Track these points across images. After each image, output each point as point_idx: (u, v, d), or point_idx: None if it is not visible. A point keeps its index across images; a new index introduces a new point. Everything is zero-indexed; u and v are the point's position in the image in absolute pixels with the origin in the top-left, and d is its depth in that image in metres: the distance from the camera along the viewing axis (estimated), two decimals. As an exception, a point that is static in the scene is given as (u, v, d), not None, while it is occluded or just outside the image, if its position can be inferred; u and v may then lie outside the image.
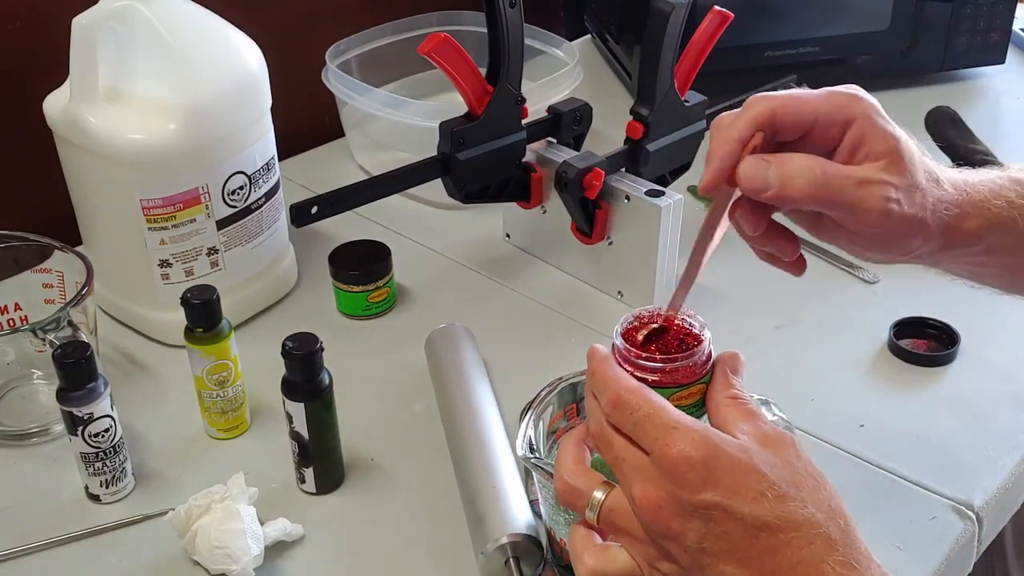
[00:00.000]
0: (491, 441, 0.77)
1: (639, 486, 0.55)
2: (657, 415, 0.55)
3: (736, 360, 0.61)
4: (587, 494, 0.58)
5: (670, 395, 0.59)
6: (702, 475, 0.53)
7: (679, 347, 0.61)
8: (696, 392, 0.60)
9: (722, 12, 0.94)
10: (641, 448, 0.55)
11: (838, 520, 0.55)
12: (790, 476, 0.54)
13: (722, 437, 0.55)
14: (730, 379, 0.60)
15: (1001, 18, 1.32)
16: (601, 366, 0.59)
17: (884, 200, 0.64)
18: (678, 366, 0.60)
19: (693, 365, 0.60)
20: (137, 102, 0.84)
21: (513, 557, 0.68)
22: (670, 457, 0.53)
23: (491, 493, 0.72)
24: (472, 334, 0.89)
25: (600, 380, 0.59)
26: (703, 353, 0.61)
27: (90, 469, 0.76)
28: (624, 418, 0.56)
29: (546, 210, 1.01)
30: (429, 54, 0.88)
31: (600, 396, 0.58)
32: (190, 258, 0.89)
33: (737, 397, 0.59)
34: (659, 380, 0.59)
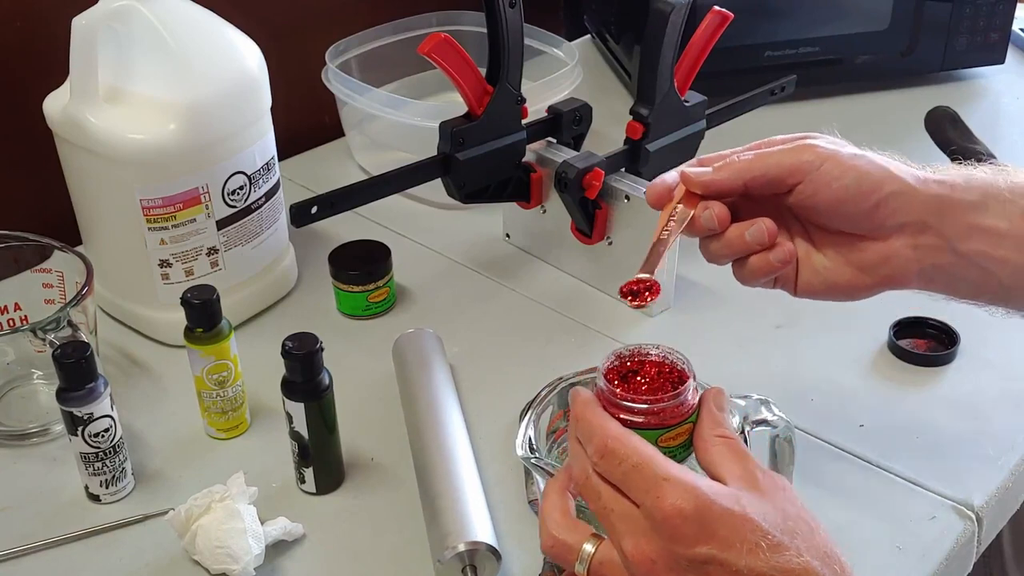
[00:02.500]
0: (452, 448, 0.77)
1: (630, 540, 0.54)
2: (647, 466, 0.54)
3: (721, 396, 0.61)
4: (576, 548, 0.57)
5: (657, 437, 0.58)
6: (695, 528, 0.52)
7: (663, 385, 0.60)
8: (684, 432, 0.59)
9: (722, 12, 0.94)
10: (630, 499, 0.54)
11: (834, 567, 0.54)
12: (784, 523, 0.54)
13: (713, 488, 0.54)
14: (717, 416, 0.59)
15: (1001, 18, 1.32)
16: (585, 411, 0.58)
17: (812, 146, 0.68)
18: (665, 407, 0.58)
19: (680, 405, 0.59)
20: (137, 102, 0.84)
21: (470, 565, 0.68)
22: (662, 510, 0.52)
23: (449, 500, 0.72)
24: (440, 339, 0.89)
25: (585, 427, 0.57)
26: (689, 392, 0.59)
27: (90, 469, 0.76)
28: (612, 468, 0.55)
29: (546, 210, 1.01)
30: (429, 54, 0.88)
31: (586, 444, 0.57)
32: (190, 258, 0.89)
33: (726, 436, 0.58)
34: (645, 422, 0.58)
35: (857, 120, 1.31)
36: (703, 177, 0.69)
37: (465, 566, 0.68)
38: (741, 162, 0.69)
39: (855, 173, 0.67)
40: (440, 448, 0.77)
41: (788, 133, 0.69)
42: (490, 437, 0.82)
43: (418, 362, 0.85)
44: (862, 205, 0.67)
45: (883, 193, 0.67)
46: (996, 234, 0.67)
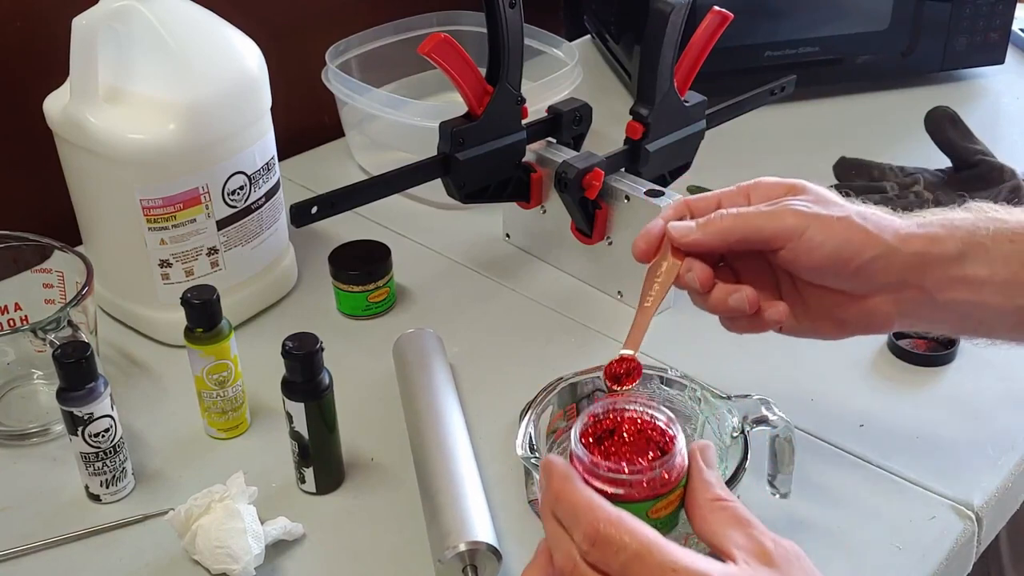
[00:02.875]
0: (453, 449, 0.77)
1: None
2: (650, 554, 0.48)
3: (709, 450, 0.56)
4: None
5: (647, 509, 0.53)
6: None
7: (646, 445, 0.55)
8: (675, 500, 0.54)
9: (722, 12, 0.94)
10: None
11: None
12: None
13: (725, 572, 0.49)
14: (707, 477, 0.54)
15: (1001, 18, 1.32)
16: (565, 488, 0.51)
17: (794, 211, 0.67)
18: (654, 476, 0.53)
19: (669, 471, 0.53)
20: (137, 102, 0.84)
21: (471, 565, 0.68)
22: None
23: (450, 500, 0.72)
24: (440, 339, 0.89)
25: (568, 508, 0.51)
26: (678, 455, 0.54)
27: (90, 469, 0.76)
28: (608, 558, 0.49)
29: (546, 210, 1.01)
30: (429, 54, 0.88)
31: (572, 528, 0.50)
32: (190, 258, 0.89)
33: (721, 499, 0.53)
34: (633, 494, 0.53)
35: (857, 120, 1.31)
36: (687, 237, 0.69)
37: (466, 566, 0.68)
38: (724, 222, 0.68)
39: (836, 240, 0.66)
40: (440, 448, 0.77)
41: (789, 134, 0.70)
42: (490, 437, 0.82)
43: (418, 362, 0.85)
44: (843, 271, 0.67)
45: (864, 258, 0.67)
46: (977, 282, 0.67)
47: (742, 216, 0.68)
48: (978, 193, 1.07)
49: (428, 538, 0.72)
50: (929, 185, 1.09)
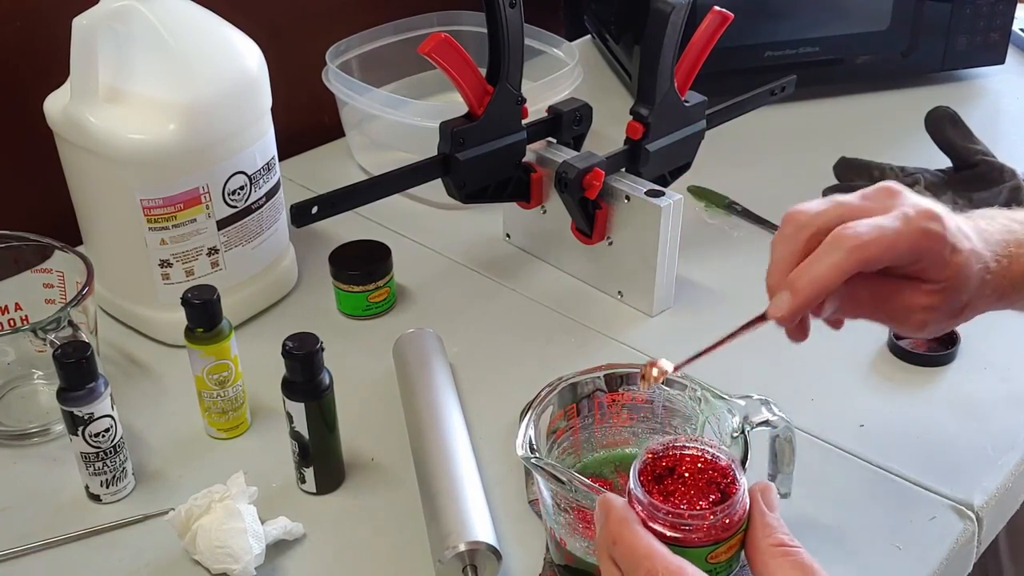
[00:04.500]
0: (453, 449, 0.77)
1: None
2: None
3: (769, 493, 0.54)
4: None
5: (706, 555, 0.51)
6: None
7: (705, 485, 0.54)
8: (735, 544, 0.53)
9: (722, 12, 0.94)
10: None
11: None
12: None
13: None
14: (769, 520, 0.53)
15: (1001, 18, 1.32)
16: (624, 531, 0.50)
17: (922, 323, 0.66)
18: (716, 521, 0.51)
19: (731, 515, 0.52)
20: (137, 102, 0.84)
21: (471, 565, 0.68)
22: None
23: (450, 500, 0.72)
24: (440, 339, 0.89)
25: (627, 552, 0.50)
26: (741, 500, 0.52)
27: (90, 469, 0.76)
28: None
29: (546, 210, 1.01)
30: (429, 54, 0.88)
31: (630, 573, 0.50)
32: (190, 258, 0.89)
33: (784, 545, 0.52)
34: (693, 539, 0.51)
35: (857, 120, 1.31)
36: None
37: (466, 566, 0.68)
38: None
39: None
40: (440, 448, 0.77)
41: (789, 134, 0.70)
42: (490, 437, 0.82)
43: (418, 362, 0.85)
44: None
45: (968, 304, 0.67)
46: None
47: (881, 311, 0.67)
48: (978, 193, 1.07)
49: (428, 538, 0.72)
50: (929, 185, 1.09)
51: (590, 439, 0.74)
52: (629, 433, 0.74)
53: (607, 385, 0.72)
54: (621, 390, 0.72)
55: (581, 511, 0.65)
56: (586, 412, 0.72)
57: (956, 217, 0.67)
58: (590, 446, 0.74)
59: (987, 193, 1.07)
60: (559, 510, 0.66)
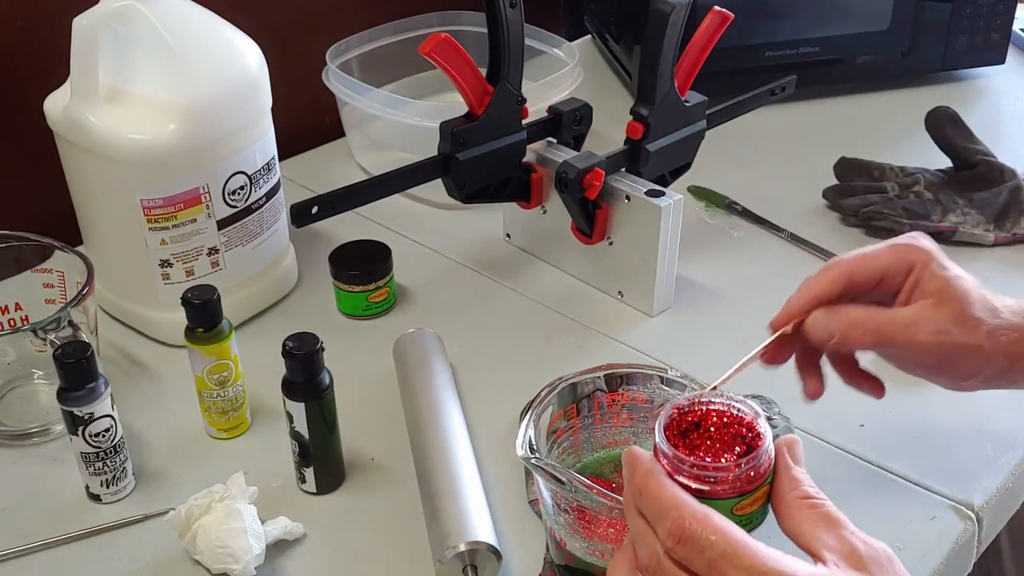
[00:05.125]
0: (453, 449, 0.77)
1: None
2: (738, 555, 0.47)
3: (795, 447, 0.54)
4: None
5: (732, 506, 0.52)
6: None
7: (731, 439, 0.54)
8: (760, 496, 0.53)
9: (722, 12, 0.94)
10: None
11: None
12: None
13: (815, 575, 0.47)
14: (795, 474, 0.53)
15: (1001, 18, 1.32)
16: (649, 483, 0.51)
17: (933, 334, 0.68)
18: (740, 473, 0.51)
19: (757, 467, 0.52)
20: (137, 102, 0.84)
21: (471, 565, 0.68)
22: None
23: (450, 500, 0.72)
24: (440, 339, 0.89)
25: (653, 503, 0.50)
26: (766, 452, 0.53)
27: (90, 469, 0.76)
28: (693, 556, 0.48)
29: (546, 210, 1.01)
30: (429, 54, 0.88)
31: (656, 523, 0.50)
32: (191, 258, 0.89)
33: (810, 497, 0.52)
34: (718, 491, 0.51)
35: (857, 120, 1.31)
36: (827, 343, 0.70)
37: (466, 566, 0.68)
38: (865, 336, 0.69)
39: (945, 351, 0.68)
40: (440, 448, 0.77)
41: (789, 134, 0.71)
42: (490, 437, 0.82)
43: (418, 362, 0.86)
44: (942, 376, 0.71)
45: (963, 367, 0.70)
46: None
47: (881, 334, 0.69)
48: (978, 193, 1.07)
49: (428, 538, 0.72)
50: (929, 185, 1.09)
51: (590, 439, 0.73)
52: (629, 433, 0.74)
53: (607, 385, 0.72)
54: (621, 390, 0.72)
55: (581, 511, 0.65)
56: (586, 412, 0.72)
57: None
58: (590, 446, 0.74)
59: (987, 193, 1.07)
60: (559, 510, 0.66)
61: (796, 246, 1.05)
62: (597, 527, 0.65)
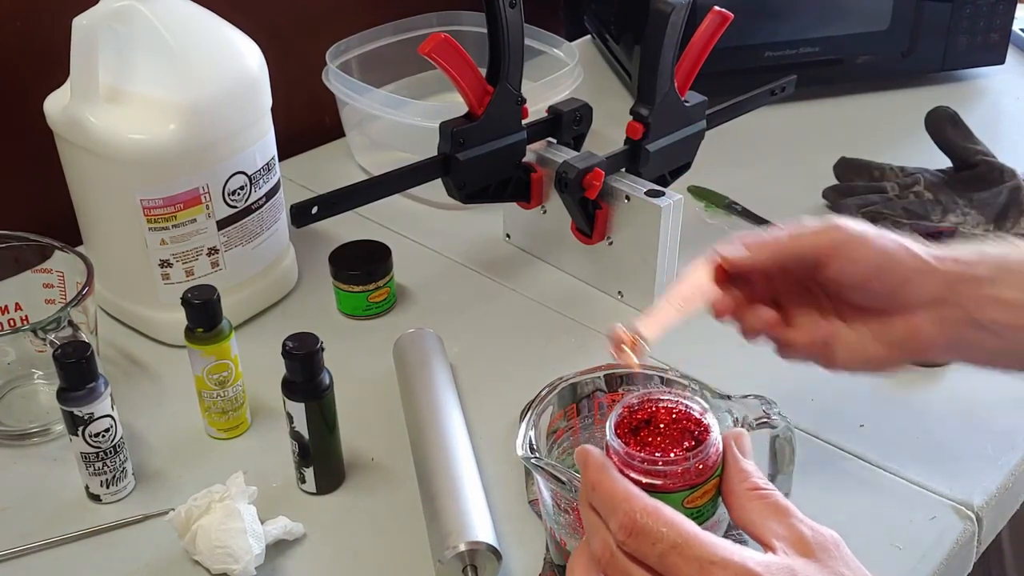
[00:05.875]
0: (453, 449, 0.77)
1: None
2: (689, 546, 0.49)
3: (743, 439, 0.56)
4: None
5: (682, 499, 0.53)
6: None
7: (680, 435, 0.55)
8: (710, 489, 0.54)
9: (722, 12, 0.94)
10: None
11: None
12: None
13: (765, 564, 0.49)
14: (743, 466, 0.55)
15: (1001, 18, 1.32)
16: (602, 478, 0.52)
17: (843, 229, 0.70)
18: (689, 466, 0.53)
19: (705, 460, 0.54)
20: (137, 102, 0.84)
21: (471, 565, 0.68)
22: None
23: (450, 500, 0.72)
24: (440, 339, 0.89)
25: (605, 497, 0.52)
26: (714, 445, 0.54)
27: (90, 469, 0.76)
28: (645, 548, 0.50)
29: (546, 210, 1.01)
30: (429, 54, 0.88)
31: (608, 518, 0.51)
32: (190, 258, 0.89)
33: (758, 488, 0.54)
34: (668, 484, 0.53)
35: (857, 120, 1.31)
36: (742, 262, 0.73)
37: (466, 566, 0.68)
38: (777, 243, 0.71)
39: (882, 254, 0.70)
40: (440, 448, 0.77)
41: (789, 134, 0.72)
42: (490, 437, 0.82)
43: (418, 362, 0.86)
44: (888, 282, 0.70)
45: (907, 270, 0.70)
46: (1012, 305, 0.69)
47: (794, 236, 0.72)
48: (978, 193, 1.07)
49: (428, 538, 0.72)
50: (929, 185, 1.09)
51: (590, 439, 0.73)
52: (629, 433, 0.74)
53: (607, 385, 0.72)
54: (621, 390, 0.72)
55: (581, 511, 0.65)
56: (586, 412, 0.72)
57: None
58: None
59: (987, 193, 1.07)
60: (559, 510, 0.66)
61: (796, 246, 1.05)
62: (597, 527, 0.65)
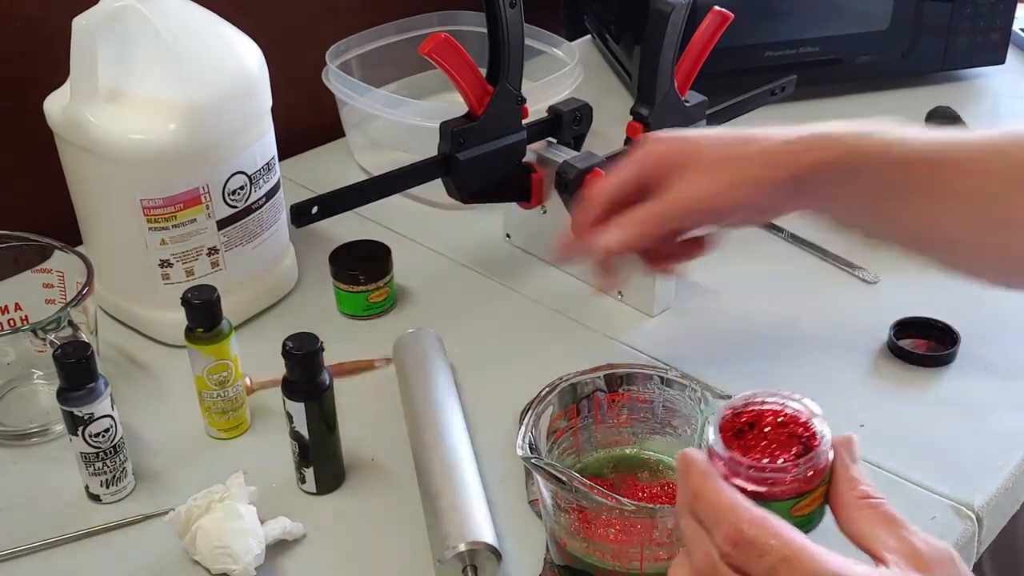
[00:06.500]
0: (453, 449, 0.77)
1: None
2: (799, 559, 0.46)
3: (852, 445, 0.53)
4: None
5: (789, 508, 0.51)
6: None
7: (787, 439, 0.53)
8: (818, 496, 0.53)
9: (722, 12, 0.94)
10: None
11: None
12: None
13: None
14: (853, 473, 0.52)
15: (1001, 18, 1.32)
16: (705, 486, 0.50)
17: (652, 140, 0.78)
18: (799, 473, 0.51)
19: (815, 466, 0.52)
20: (137, 102, 0.84)
21: (471, 565, 0.68)
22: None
23: (450, 500, 0.72)
24: (440, 339, 0.89)
25: (708, 507, 0.50)
26: (825, 452, 0.52)
27: (90, 469, 0.76)
28: (752, 561, 0.48)
29: (546, 210, 1.01)
30: (429, 54, 0.88)
31: (713, 528, 0.49)
32: (190, 258, 0.89)
33: (869, 496, 0.52)
34: (776, 492, 0.51)
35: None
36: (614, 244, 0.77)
37: (466, 566, 0.68)
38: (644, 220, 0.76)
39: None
40: (440, 448, 0.77)
41: None
42: (490, 437, 0.82)
43: (418, 362, 0.86)
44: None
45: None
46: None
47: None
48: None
49: (428, 538, 0.72)
50: (929, 185, 1.09)
51: (590, 439, 0.74)
52: (629, 433, 0.74)
53: (607, 385, 0.72)
54: (621, 390, 0.72)
55: (581, 511, 0.65)
56: (586, 412, 0.72)
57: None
58: (590, 446, 0.74)
59: (987, 193, 1.06)
60: (559, 510, 0.66)
61: (796, 246, 1.05)
62: (597, 527, 0.65)
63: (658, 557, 0.65)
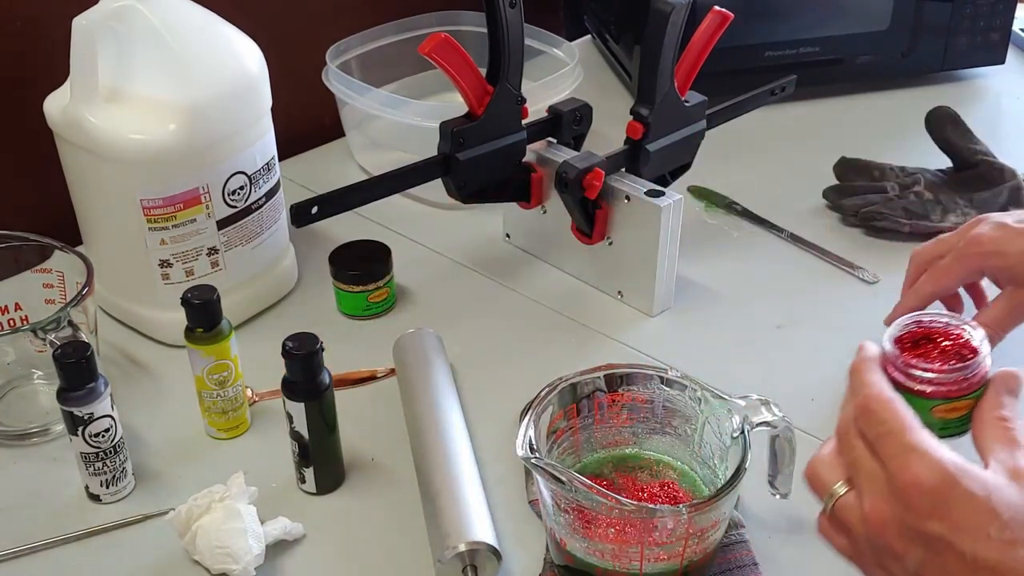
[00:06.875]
0: (453, 449, 0.77)
1: (869, 499, 0.55)
2: (898, 434, 0.55)
3: (1015, 380, 0.60)
4: (828, 485, 0.59)
5: (935, 406, 0.59)
6: (930, 504, 0.52)
7: (953, 355, 0.61)
8: (963, 407, 0.59)
9: (722, 12, 0.94)
10: (880, 459, 0.55)
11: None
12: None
13: (963, 468, 0.53)
14: (1002, 399, 0.59)
15: (1001, 18, 1.32)
16: (861, 365, 0.60)
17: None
18: (950, 378, 0.59)
19: (965, 378, 0.59)
20: (137, 102, 0.84)
21: (471, 565, 0.68)
22: (903, 479, 0.53)
23: (450, 500, 0.72)
24: (440, 339, 0.89)
25: (856, 380, 0.59)
26: (978, 366, 0.60)
27: (90, 469, 0.76)
28: (868, 428, 0.56)
29: (546, 210, 1.01)
30: (429, 54, 0.88)
31: (853, 396, 0.59)
32: (190, 258, 0.89)
33: (1004, 419, 0.58)
34: (927, 391, 0.59)
35: (857, 120, 1.31)
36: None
37: (466, 566, 0.68)
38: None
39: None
40: (440, 448, 0.77)
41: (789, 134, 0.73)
42: (490, 437, 0.82)
43: (418, 362, 0.86)
44: None
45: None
46: None
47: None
48: (978, 193, 1.07)
49: (428, 538, 0.72)
50: (929, 185, 1.09)
51: (590, 439, 0.74)
52: (629, 433, 0.74)
53: (607, 385, 0.72)
54: (621, 390, 0.72)
55: (581, 511, 0.65)
56: (586, 412, 0.72)
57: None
58: (590, 446, 0.74)
59: (987, 193, 1.07)
60: (559, 510, 0.66)
61: (796, 246, 1.05)
62: (597, 527, 0.65)
63: (658, 557, 0.65)
